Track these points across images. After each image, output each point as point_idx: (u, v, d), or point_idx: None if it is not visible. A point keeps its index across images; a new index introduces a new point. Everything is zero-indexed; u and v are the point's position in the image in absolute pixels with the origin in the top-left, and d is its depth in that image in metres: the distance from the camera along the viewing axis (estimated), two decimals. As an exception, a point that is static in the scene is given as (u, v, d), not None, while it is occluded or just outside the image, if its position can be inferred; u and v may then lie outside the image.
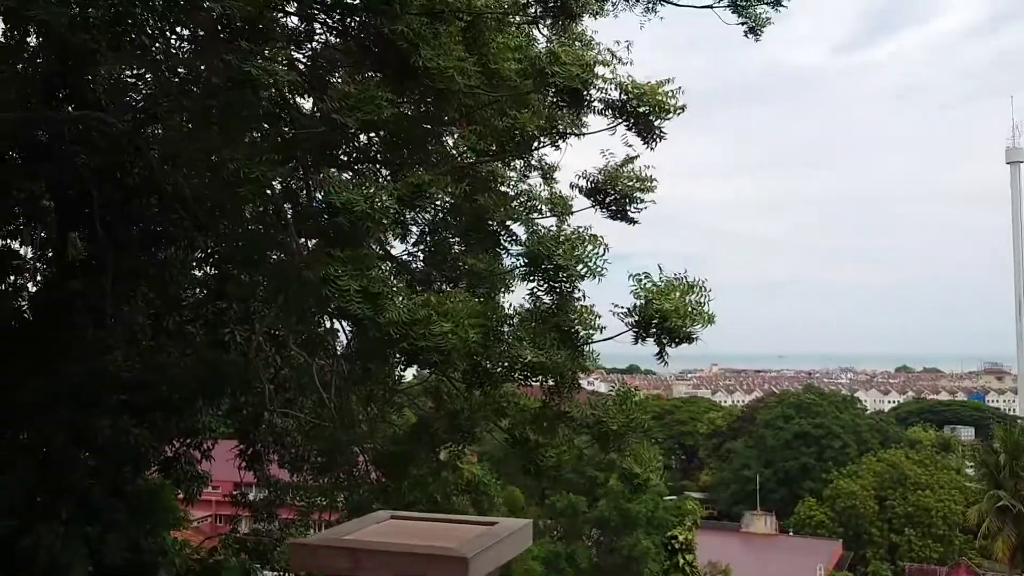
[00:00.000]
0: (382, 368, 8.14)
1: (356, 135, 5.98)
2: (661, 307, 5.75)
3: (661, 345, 5.97)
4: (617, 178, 7.05)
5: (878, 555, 60.43)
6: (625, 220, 7.19)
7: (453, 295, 5.52)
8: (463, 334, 5.27)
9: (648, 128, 6.75)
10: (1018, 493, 32.08)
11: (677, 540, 44.93)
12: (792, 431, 77.33)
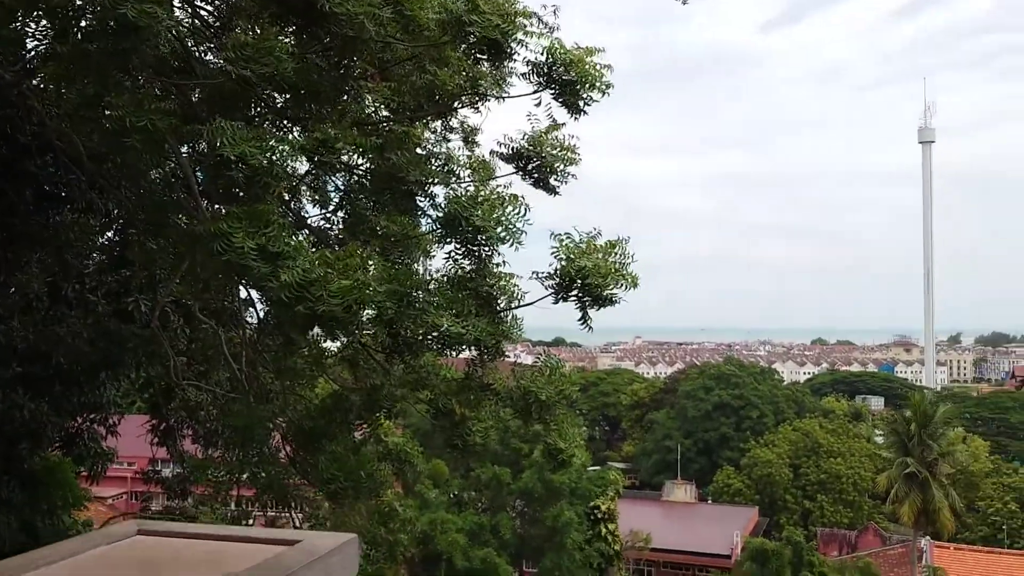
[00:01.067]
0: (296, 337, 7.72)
1: (260, 89, 5.54)
2: (582, 265, 5.53)
3: (583, 306, 5.76)
4: (541, 144, 6.78)
5: (792, 521, 62.46)
6: (546, 189, 6.93)
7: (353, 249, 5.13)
8: (365, 291, 4.91)
9: (574, 98, 6.50)
10: (924, 460, 33.41)
11: (600, 510, 45.62)
12: (712, 402, 79.12)
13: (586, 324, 5.90)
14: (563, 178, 6.79)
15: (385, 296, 5.06)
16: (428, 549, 38.77)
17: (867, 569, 39.97)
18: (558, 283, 5.67)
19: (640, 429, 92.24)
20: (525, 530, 43.15)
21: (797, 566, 39.05)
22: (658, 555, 51.16)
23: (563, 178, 6.79)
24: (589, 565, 44.22)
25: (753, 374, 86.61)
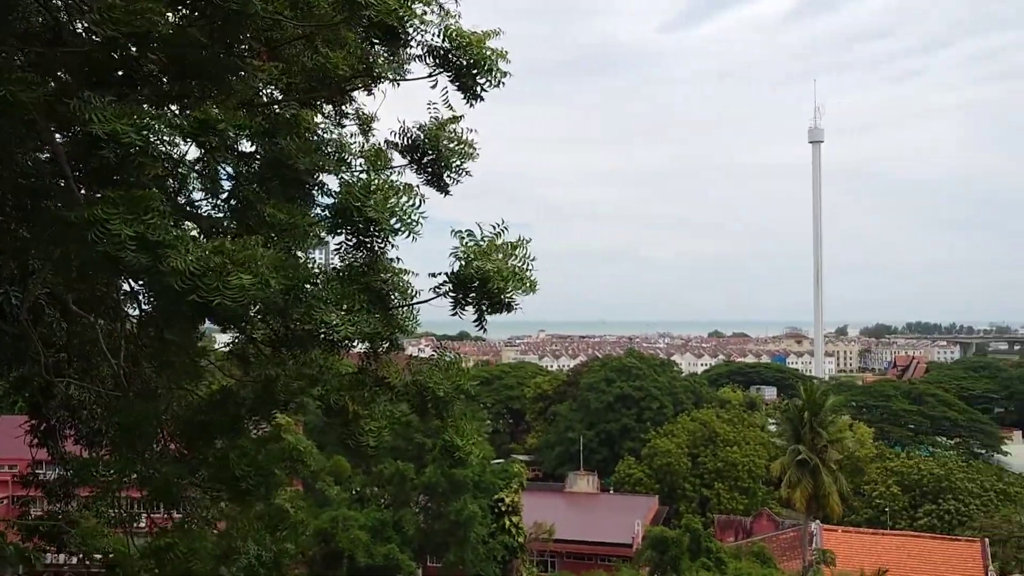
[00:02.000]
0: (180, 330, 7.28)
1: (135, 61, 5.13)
2: (482, 268, 5.31)
3: (480, 312, 5.55)
4: (438, 137, 6.52)
5: (690, 508, 64.00)
6: (438, 188, 6.65)
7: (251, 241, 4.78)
8: (264, 288, 4.57)
9: (470, 83, 6.28)
10: (815, 447, 34.69)
11: (504, 503, 45.70)
12: (614, 393, 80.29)
13: (481, 327, 5.71)
14: (458, 175, 6.53)
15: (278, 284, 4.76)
16: (329, 547, 38.07)
17: (761, 553, 41.26)
18: (456, 286, 5.46)
19: (544, 422, 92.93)
20: (429, 525, 42.83)
21: (695, 552, 39.95)
22: (562, 546, 51.63)
23: (458, 175, 6.53)
24: (493, 558, 44.26)
25: (653, 366, 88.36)
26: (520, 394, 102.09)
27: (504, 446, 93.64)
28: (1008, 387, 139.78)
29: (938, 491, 64.95)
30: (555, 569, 52.32)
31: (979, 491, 65.14)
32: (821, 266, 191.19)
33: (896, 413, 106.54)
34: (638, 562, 43.25)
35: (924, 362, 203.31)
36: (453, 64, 6.16)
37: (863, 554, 41.08)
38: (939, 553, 41.68)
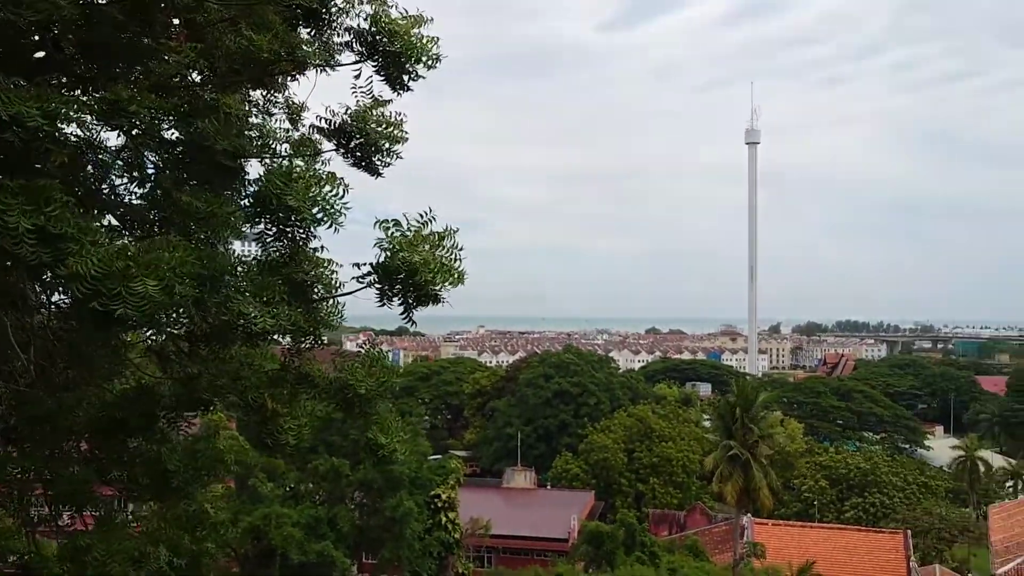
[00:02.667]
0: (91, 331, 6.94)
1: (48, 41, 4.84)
2: (409, 260, 5.14)
3: (407, 304, 5.39)
4: (365, 120, 6.31)
5: (626, 503, 64.63)
6: (369, 170, 6.46)
7: (159, 242, 4.50)
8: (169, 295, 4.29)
9: (398, 71, 6.09)
10: (746, 443, 35.30)
11: (440, 499, 45.49)
12: (552, 389, 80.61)
13: (409, 319, 5.55)
14: (388, 158, 6.35)
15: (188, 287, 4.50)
16: (262, 545, 37.40)
17: (694, 547, 41.88)
18: (381, 277, 5.28)
19: (482, 417, 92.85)
20: (364, 521, 42.39)
21: (630, 547, 40.35)
22: (498, 541, 51.63)
23: (388, 158, 6.35)
24: (429, 554, 44.04)
25: (591, 362, 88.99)
26: (458, 390, 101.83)
27: (442, 442, 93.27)
28: (931, 384, 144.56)
29: (864, 485, 66.85)
30: (491, 564, 52.30)
31: (902, 484, 67.27)
32: (756, 265, 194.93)
33: (825, 409, 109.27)
34: (574, 557, 43.50)
35: (853, 360, 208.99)
36: (381, 51, 5.98)
37: (792, 546, 41.99)
38: (864, 545, 42.83)
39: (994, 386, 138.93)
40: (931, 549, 56.96)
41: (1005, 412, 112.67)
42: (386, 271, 5.29)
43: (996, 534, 35.34)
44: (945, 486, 73.30)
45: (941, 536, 58.80)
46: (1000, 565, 30.70)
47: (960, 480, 76.30)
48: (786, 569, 36.48)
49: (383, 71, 6.11)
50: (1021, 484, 77.23)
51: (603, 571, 37.78)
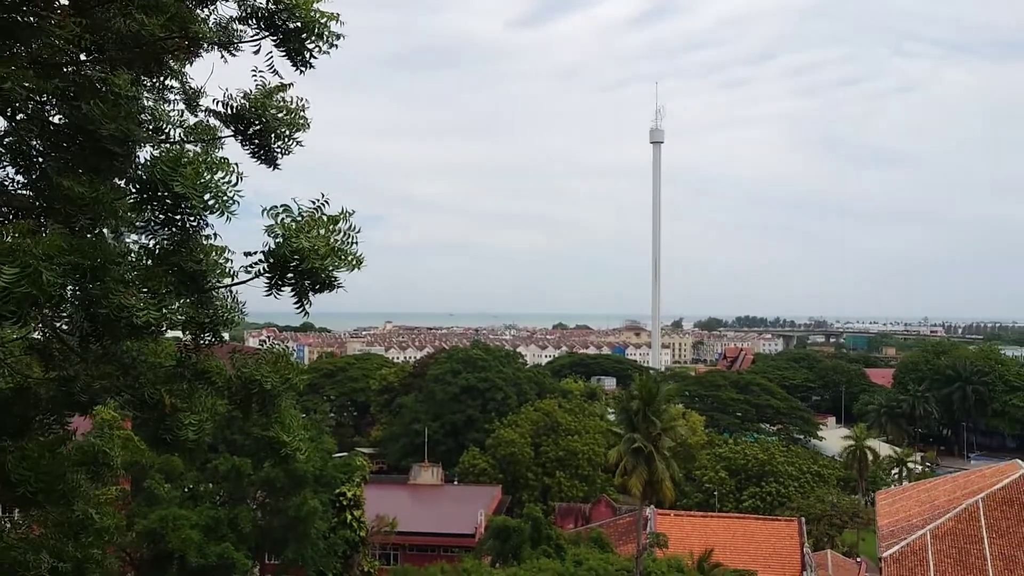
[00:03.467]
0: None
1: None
2: (300, 246, 4.91)
3: (300, 292, 5.17)
4: (264, 106, 6.03)
5: (533, 497, 65.08)
6: (267, 160, 6.17)
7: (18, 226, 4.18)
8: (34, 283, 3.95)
9: (299, 48, 5.85)
10: (650, 435, 35.91)
11: (345, 497, 44.81)
12: (460, 385, 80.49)
13: (303, 309, 5.34)
14: (287, 147, 6.08)
15: (63, 273, 4.17)
16: (159, 548, 36.08)
17: (599, 539, 42.45)
18: (272, 265, 5.04)
19: (389, 414, 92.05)
20: (267, 521, 41.38)
21: (536, 540, 40.62)
22: (404, 538, 51.26)
23: (287, 147, 6.08)
24: (334, 553, 43.33)
25: (499, 357, 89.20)
26: (365, 386, 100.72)
27: (348, 439, 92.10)
28: (824, 377, 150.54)
29: (761, 475, 69.13)
30: (397, 562, 51.87)
31: (797, 474, 69.84)
32: (659, 262, 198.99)
33: (725, 402, 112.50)
34: (480, 552, 43.53)
35: (751, 354, 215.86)
36: (279, 27, 5.73)
37: (693, 536, 43.09)
38: (761, 532, 44.31)
39: (882, 378, 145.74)
40: (823, 535, 59.36)
41: (891, 403, 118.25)
42: (277, 259, 5.06)
43: (883, 519, 37.01)
44: (836, 474, 76.47)
45: (832, 522, 61.36)
46: (886, 548, 32.15)
47: (850, 468, 79.76)
48: (687, 558, 37.37)
49: (283, 47, 5.86)
50: (906, 471, 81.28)
51: (509, 565, 37.92)
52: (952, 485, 38.41)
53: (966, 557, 30.76)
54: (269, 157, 6.15)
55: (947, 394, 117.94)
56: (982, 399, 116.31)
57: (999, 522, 31.98)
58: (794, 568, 40.51)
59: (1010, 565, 30.15)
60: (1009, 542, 31.08)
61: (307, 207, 5.21)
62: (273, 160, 6.14)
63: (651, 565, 34.88)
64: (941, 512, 33.43)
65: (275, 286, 5.17)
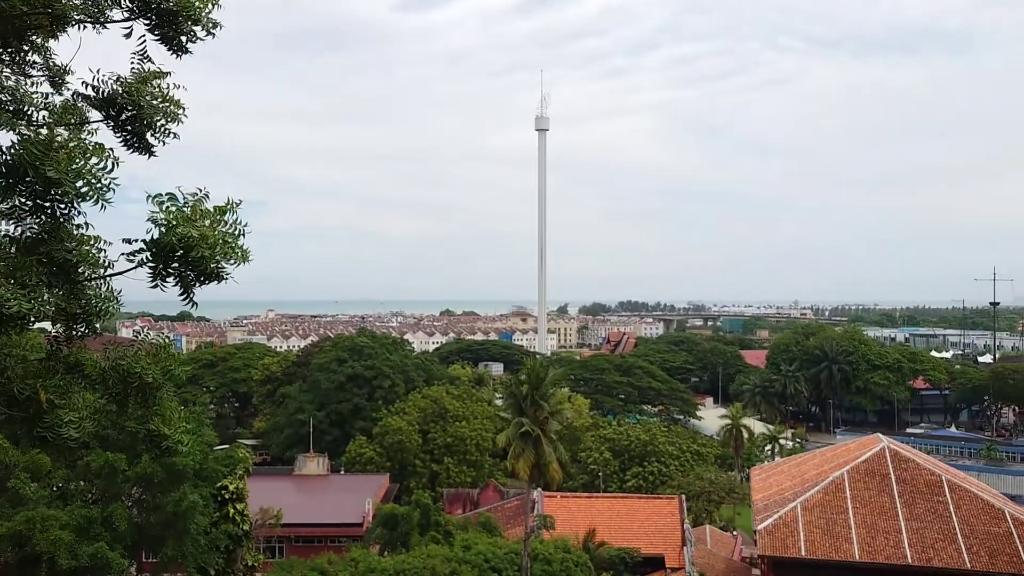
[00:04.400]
0: None
1: None
2: (186, 234, 4.72)
3: (185, 283, 4.97)
4: (138, 92, 5.73)
5: (421, 484, 65.04)
6: (140, 148, 5.87)
7: None
8: None
9: (175, 31, 5.58)
10: (537, 419, 36.39)
11: (227, 490, 43.55)
12: (346, 373, 79.51)
13: (189, 300, 5.14)
14: (162, 136, 5.80)
15: None
16: (25, 551, 34.18)
17: (488, 523, 42.84)
18: (155, 254, 4.81)
19: (272, 404, 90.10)
20: (143, 518, 39.80)
21: (425, 527, 40.64)
22: (290, 530, 50.29)
23: (162, 136, 5.80)
24: (216, 548, 42.09)
25: (385, 345, 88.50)
26: (247, 376, 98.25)
27: (229, 431, 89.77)
28: (702, 359, 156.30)
29: (644, 455, 71.24)
30: (283, 555, 50.93)
31: (677, 453, 72.34)
32: (545, 248, 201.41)
33: (609, 385, 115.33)
34: (368, 541, 43.22)
35: (634, 337, 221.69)
36: (155, 8, 5.45)
37: (579, 516, 44.04)
38: (644, 510, 45.68)
39: (756, 359, 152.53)
40: (702, 511, 61.74)
41: (764, 383, 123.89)
42: (161, 248, 4.85)
43: (757, 493, 38.77)
44: (714, 452, 79.61)
45: (711, 498, 63.89)
46: (760, 521, 33.71)
47: (727, 446, 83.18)
48: (574, 538, 38.18)
49: (157, 30, 5.58)
50: (778, 447, 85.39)
51: (398, 553, 37.82)
52: (820, 459, 40.59)
53: (833, 527, 32.63)
54: (143, 145, 5.86)
55: (815, 373, 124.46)
56: (847, 377, 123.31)
57: (862, 492, 34.04)
58: (675, 543, 42.00)
59: (872, 532, 32.16)
60: (871, 511, 33.14)
61: (192, 195, 5.01)
62: (148, 148, 5.86)
63: (538, 547, 35.47)
64: (810, 485, 35.30)
65: (159, 276, 4.95)
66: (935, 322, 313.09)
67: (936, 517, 32.50)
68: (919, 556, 30.91)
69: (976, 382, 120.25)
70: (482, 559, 33.91)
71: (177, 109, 5.92)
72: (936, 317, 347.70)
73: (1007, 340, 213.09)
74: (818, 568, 31.83)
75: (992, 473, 77.90)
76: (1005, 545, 30.86)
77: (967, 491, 33.70)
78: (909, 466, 35.14)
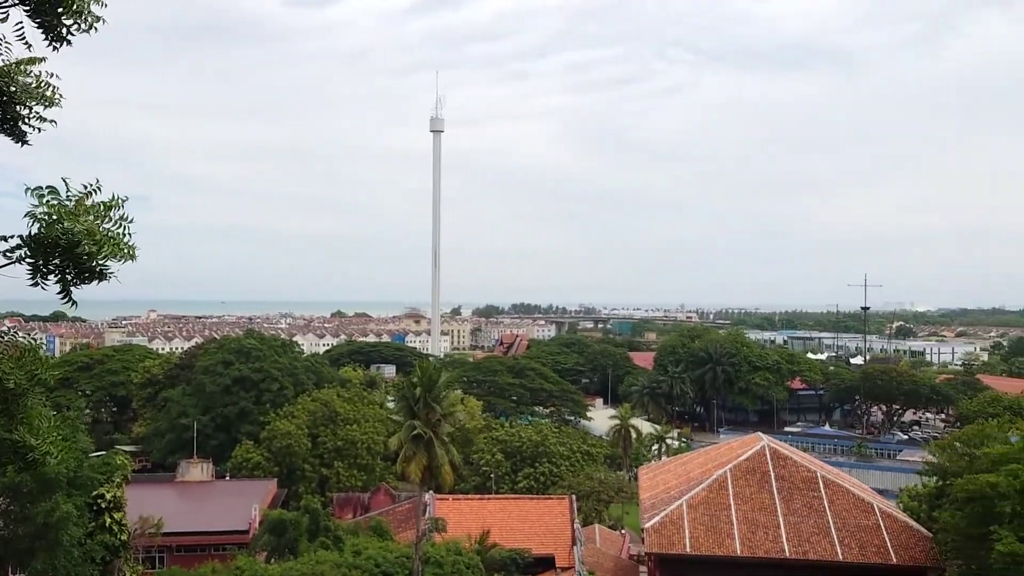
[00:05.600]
0: None
1: None
2: (70, 230, 4.46)
3: (66, 282, 4.69)
4: (9, 75, 5.38)
5: (310, 489, 63.85)
6: (13, 135, 5.51)
7: None
8: None
9: (53, 20, 5.27)
10: (429, 422, 36.24)
11: (104, 499, 41.61)
12: (232, 376, 77.26)
13: (68, 299, 4.87)
14: (35, 123, 5.46)
15: None
16: None
17: (379, 527, 42.38)
18: (34, 251, 4.52)
19: (153, 408, 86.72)
20: (11, 531, 37.54)
21: (314, 532, 39.87)
22: (172, 539, 48.38)
23: (35, 123, 5.46)
24: (91, 560, 40.10)
25: (274, 347, 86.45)
26: (126, 379, 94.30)
27: (106, 436, 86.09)
28: (592, 361, 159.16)
29: (535, 456, 71.98)
30: (164, 564, 48.99)
31: (568, 453, 73.42)
32: (439, 250, 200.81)
33: (502, 386, 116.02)
34: (255, 548, 42.11)
35: (526, 339, 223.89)
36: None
37: (471, 518, 44.06)
38: (535, 511, 46.10)
39: (644, 361, 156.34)
40: (592, 510, 62.83)
41: (652, 384, 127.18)
42: (41, 244, 4.57)
43: (644, 492, 39.73)
44: (604, 452, 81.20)
45: (600, 498, 65.11)
46: (648, 519, 34.55)
47: (616, 446, 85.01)
48: (466, 540, 38.20)
49: (36, 17, 5.25)
50: (665, 446, 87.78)
51: (286, 560, 36.96)
52: (704, 458, 41.94)
53: (716, 523, 33.75)
54: (16, 133, 5.51)
55: (700, 374, 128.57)
56: (730, 378, 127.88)
57: (744, 490, 35.35)
58: (565, 543, 42.57)
59: (752, 528, 33.43)
60: (752, 507, 34.45)
61: (77, 190, 4.74)
62: (21, 136, 5.51)
63: (430, 550, 35.32)
64: (695, 483, 36.42)
65: (39, 274, 4.66)
66: (811, 325, 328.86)
67: (812, 512, 34.05)
68: (796, 549, 32.32)
69: (848, 382, 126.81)
70: (373, 564, 33.53)
71: (53, 95, 5.57)
72: (812, 321, 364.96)
73: (876, 343, 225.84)
74: (702, 564, 32.86)
75: (862, 469, 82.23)
76: (874, 537, 32.62)
77: (840, 486, 35.44)
78: (787, 463, 36.69)
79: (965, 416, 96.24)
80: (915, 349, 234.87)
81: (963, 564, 31.36)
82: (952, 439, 39.34)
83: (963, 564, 31.36)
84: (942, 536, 31.74)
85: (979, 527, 29.00)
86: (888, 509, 34.94)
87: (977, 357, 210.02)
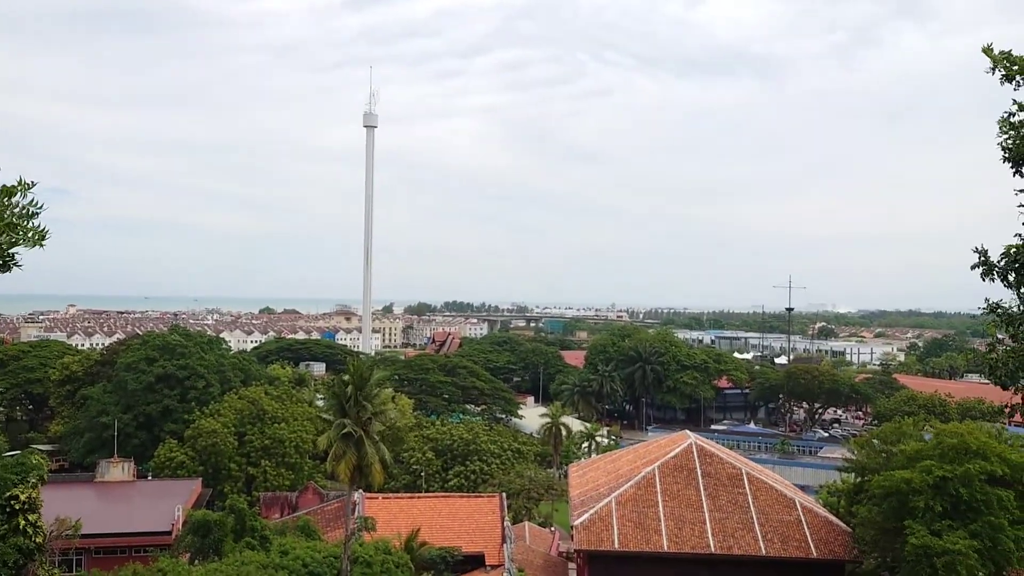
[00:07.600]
0: None
1: None
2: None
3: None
4: None
5: (236, 488, 62.62)
6: None
7: None
8: None
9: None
10: (360, 420, 35.86)
11: (18, 500, 40.10)
12: (155, 373, 75.30)
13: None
14: None
15: None
16: None
17: (306, 527, 41.75)
18: None
19: (71, 406, 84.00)
20: (-84, 535, 35.99)
21: (240, 533, 39.09)
22: (90, 541, 46.87)
23: None
24: (4, 564, 38.69)
25: (200, 343, 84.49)
26: (43, 376, 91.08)
27: (21, 435, 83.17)
28: (524, 359, 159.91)
29: (466, 454, 71.93)
30: (82, 567, 47.47)
31: (499, 451, 73.55)
32: (371, 247, 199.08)
33: (433, 384, 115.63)
34: (178, 549, 41.10)
35: (458, 337, 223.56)
36: None
37: (401, 517, 43.80)
38: (465, 509, 46.06)
39: (575, 360, 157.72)
40: (522, 508, 63.08)
41: (583, 382, 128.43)
42: None
43: (574, 489, 40.06)
44: (535, 450, 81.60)
45: (531, 495, 65.38)
46: (577, 516, 34.85)
47: (547, 444, 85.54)
48: (396, 539, 37.93)
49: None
50: (595, 444, 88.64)
51: (210, 561, 36.17)
52: (633, 455, 42.49)
53: (644, 519, 34.24)
54: None
55: (630, 373, 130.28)
56: (659, 377, 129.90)
57: (671, 486, 35.93)
58: (495, 541, 42.64)
59: (679, 524, 34.00)
60: (679, 504, 35.04)
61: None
62: None
63: (359, 549, 34.98)
64: (624, 480, 36.87)
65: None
66: (738, 325, 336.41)
67: (737, 508, 34.81)
68: (721, 545, 33.00)
69: (772, 382, 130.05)
70: (300, 564, 33.05)
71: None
72: (739, 321, 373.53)
73: (800, 343, 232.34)
74: (630, 560, 33.30)
75: (785, 465, 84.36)
76: (795, 532, 33.51)
77: (764, 483, 36.31)
78: (713, 460, 37.43)
79: (882, 414, 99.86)
80: (836, 349, 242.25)
81: (879, 557, 32.47)
82: (870, 437, 40.71)
83: (879, 557, 32.47)
84: (860, 530, 32.77)
85: (894, 521, 30.08)
86: (809, 505, 35.93)
87: (894, 357, 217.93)
